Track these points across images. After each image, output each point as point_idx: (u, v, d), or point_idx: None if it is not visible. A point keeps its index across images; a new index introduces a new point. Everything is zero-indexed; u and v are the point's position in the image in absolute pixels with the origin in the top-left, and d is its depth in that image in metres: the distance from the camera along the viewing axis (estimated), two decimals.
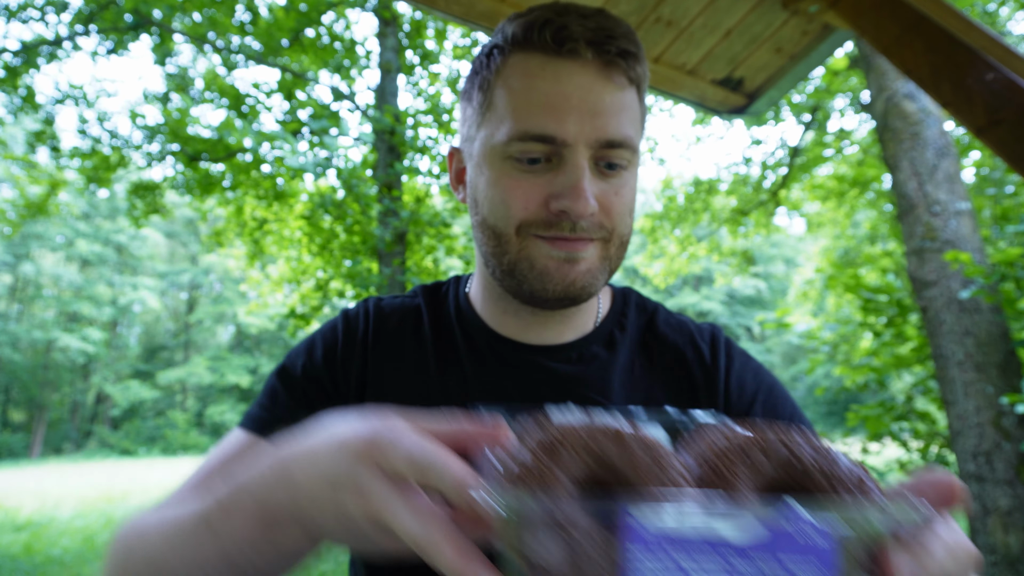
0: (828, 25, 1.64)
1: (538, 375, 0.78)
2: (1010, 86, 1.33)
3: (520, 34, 0.68)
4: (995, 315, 3.61)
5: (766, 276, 36.66)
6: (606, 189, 0.69)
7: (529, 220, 0.68)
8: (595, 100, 0.66)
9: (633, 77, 0.69)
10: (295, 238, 8.90)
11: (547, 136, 0.65)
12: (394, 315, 0.84)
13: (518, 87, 0.67)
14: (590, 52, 0.66)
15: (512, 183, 0.68)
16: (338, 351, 0.80)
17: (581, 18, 0.67)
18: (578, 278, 0.70)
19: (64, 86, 7.57)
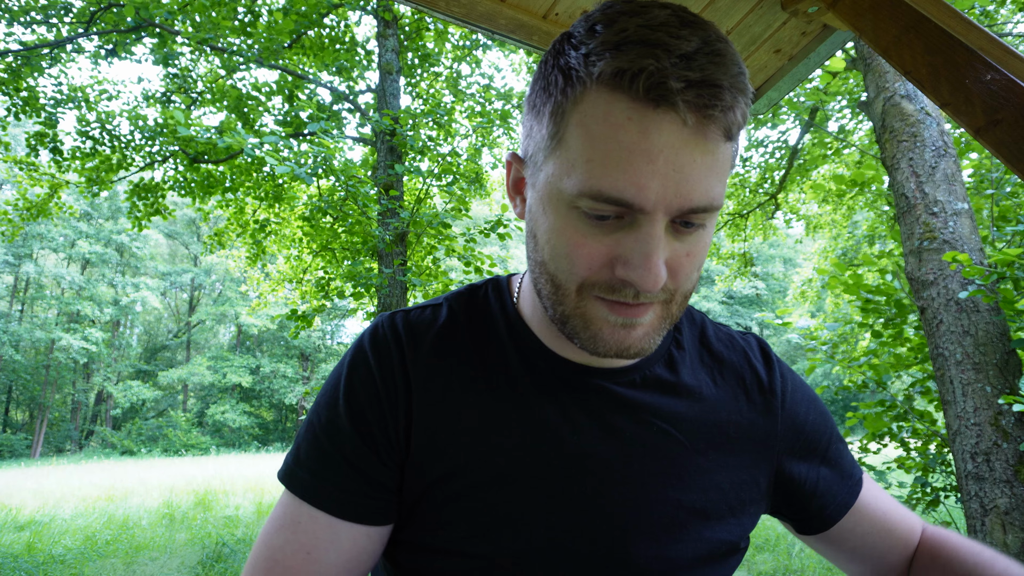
0: (827, 26, 1.65)
1: (604, 400, 0.73)
2: (1009, 86, 1.34)
3: (608, 75, 0.55)
4: (994, 315, 3.62)
5: (765, 276, 36.67)
6: (678, 250, 0.61)
7: (592, 280, 0.62)
8: (684, 163, 0.56)
9: (734, 131, 0.58)
10: (296, 237, 8.92)
11: (622, 202, 0.57)
12: (430, 336, 0.75)
13: (597, 134, 0.56)
14: (688, 111, 0.54)
15: (579, 239, 0.60)
16: (379, 390, 0.71)
17: (684, 63, 0.54)
18: (633, 344, 0.64)
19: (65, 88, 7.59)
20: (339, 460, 0.70)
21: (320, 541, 0.68)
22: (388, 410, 0.71)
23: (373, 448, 0.70)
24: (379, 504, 0.70)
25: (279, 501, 0.72)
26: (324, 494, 0.69)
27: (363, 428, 0.70)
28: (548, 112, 0.61)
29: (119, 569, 6.31)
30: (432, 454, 0.69)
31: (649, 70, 0.53)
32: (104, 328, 33.85)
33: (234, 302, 35.46)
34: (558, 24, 1.59)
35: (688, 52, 0.54)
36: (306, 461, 0.71)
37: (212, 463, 21.47)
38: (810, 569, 5.60)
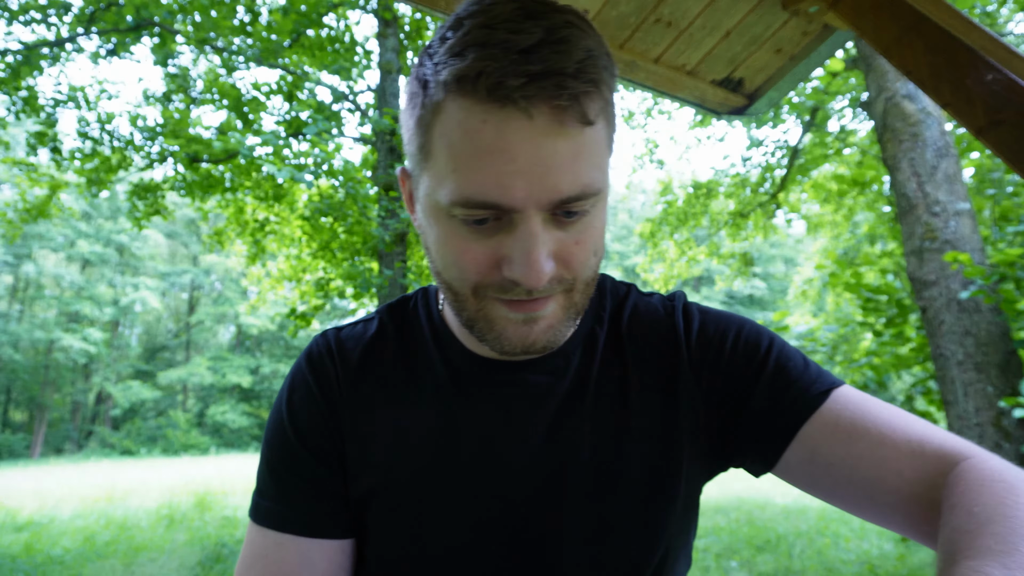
0: (828, 26, 1.65)
1: (518, 391, 0.74)
2: (1010, 87, 1.34)
3: (451, 80, 0.55)
4: (995, 315, 3.61)
5: (766, 276, 36.68)
6: (565, 239, 0.61)
7: (484, 283, 0.62)
8: (546, 156, 0.55)
9: (593, 115, 0.57)
10: (296, 236, 8.92)
11: (491, 204, 0.57)
12: (358, 349, 0.77)
13: (457, 142, 0.57)
14: (535, 105, 0.54)
15: (463, 245, 0.61)
16: (320, 404, 0.74)
17: (521, 57, 0.53)
18: (538, 338, 0.65)
19: (65, 88, 7.58)
20: (296, 482, 0.72)
21: (293, 566, 0.70)
22: (330, 419, 0.73)
23: (326, 463, 0.72)
24: (340, 516, 0.72)
25: (246, 537, 0.73)
26: (289, 518, 0.71)
27: (313, 445, 0.73)
28: (414, 125, 0.62)
29: (118, 570, 6.31)
30: (363, 465, 0.72)
31: (487, 71, 0.53)
32: (104, 328, 33.85)
33: (233, 302, 35.46)
34: None
35: (528, 46, 0.54)
36: (266, 491, 0.73)
37: (212, 463, 21.47)
38: (811, 570, 5.59)
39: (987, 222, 4.65)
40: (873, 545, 6.27)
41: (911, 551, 5.87)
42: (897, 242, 7.49)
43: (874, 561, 5.67)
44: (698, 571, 5.75)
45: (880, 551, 6.03)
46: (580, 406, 0.73)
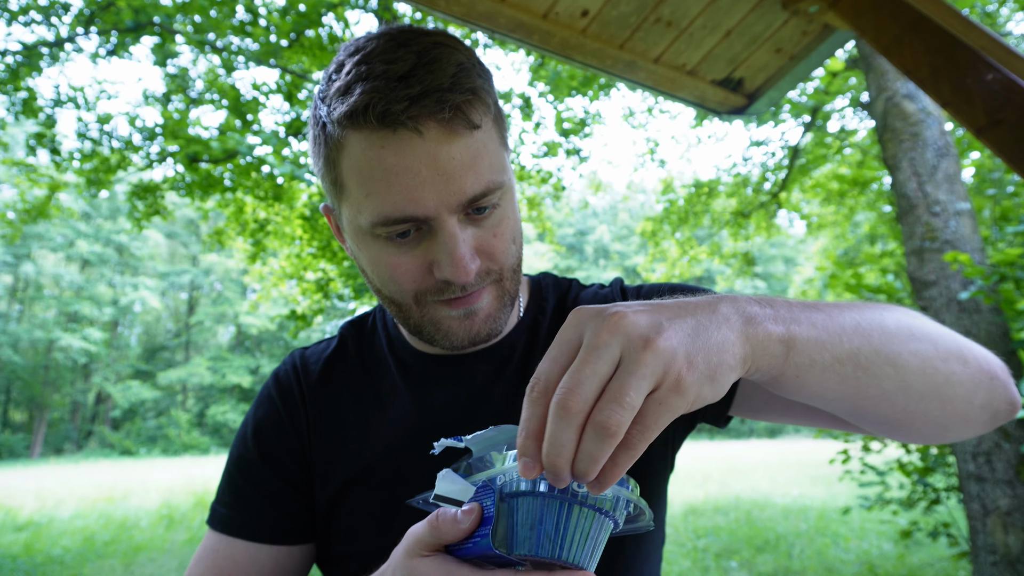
0: (828, 25, 1.65)
1: (468, 382, 0.80)
2: (1010, 86, 1.34)
3: (345, 120, 0.62)
4: (995, 315, 3.61)
5: (766, 276, 36.68)
6: (482, 234, 0.68)
7: (422, 290, 0.69)
8: (444, 164, 0.62)
9: (478, 119, 0.63)
10: (296, 235, 8.92)
11: (407, 218, 0.63)
12: (319, 364, 0.85)
13: (364, 170, 0.63)
14: (422, 123, 0.60)
15: (393, 260, 0.67)
16: (284, 421, 0.81)
17: (399, 83, 0.60)
18: (481, 328, 0.72)
19: (64, 88, 7.58)
20: (250, 489, 0.79)
21: (239, 563, 0.75)
22: (293, 434, 0.80)
23: (281, 473, 0.79)
24: (292, 525, 0.78)
25: (202, 541, 0.79)
26: (239, 522, 0.77)
27: (270, 455, 0.79)
28: (323, 165, 0.68)
29: (118, 569, 6.31)
30: (334, 464, 0.78)
31: (373, 103, 0.60)
32: (103, 328, 33.85)
33: (233, 302, 35.46)
34: (558, 23, 1.58)
35: (404, 72, 0.61)
36: (223, 497, 0.80)
37: (212, 463, 21.46)
38: (811, 570, 5.59)
39: (987, 222, 4.66)
40: (873, 545, 6.27)
41: (911, 551, 5.87)
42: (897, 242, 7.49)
43: (874, 561, 5.67)
44: (698, 571, 5.75)
45: (880, 551, 6.03)
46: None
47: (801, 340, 0.51)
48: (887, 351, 0.56)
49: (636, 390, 0.41)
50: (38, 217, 8.62)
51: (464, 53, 0.65)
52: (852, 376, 0.54)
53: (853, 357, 0.54)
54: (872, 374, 0.55)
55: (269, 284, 10.29)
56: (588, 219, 43.39)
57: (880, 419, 0.61)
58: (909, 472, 4.59)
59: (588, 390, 0.41)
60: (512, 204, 0.71)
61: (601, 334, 0.43)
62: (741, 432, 33.37)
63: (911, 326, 0.59)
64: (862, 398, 0.57)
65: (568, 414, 0.41)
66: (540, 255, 35.53)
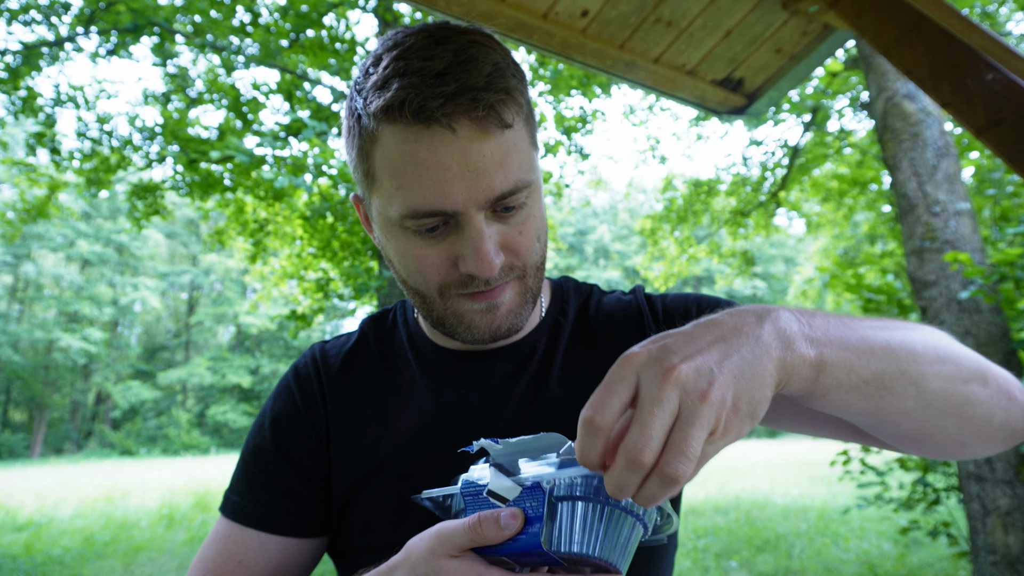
0: (828, 25, 1.65)
1: (488, 378, 0.81)
2: (1010, 86, 1.34)
3: (379, 110, 0.63)
4: (995, 315, 3.61)
5: (766, 276, 36.69)
6: (508, 232, 0.69)
7: (446, 283, 0.70)
8: (475, 161, 0.63)
9: (510, 119, 0.65)
10: (297, 235, 8.92)
11: (436, 212, 0.65)
12: (340, 357, 0.86)
13: (396, 163, 0.65)
14: (456, 120, 0.62)
15: (420, 252, 0.69)
16: (302, 413, 0.82)
17: (436, 80, 0.61)
18: (502, 323, 0.73)
19: (64, 88, 7.57)
20: (265, 480, 0.80)
21: (250, 551, 0.76)
22: (311, 427, 0.81)
23: (297, 465, 0.80)
24: (305, 518, 0.79)
25: (213, 527, 0.80)
26: (253, 512, 0.78)
27: (286, 447, 0.80)
28: (356, 156, 0.70)
29: (118, 569, 6.31)
30: (352, 455, 0.79)
31: (409, 98, 0.61)
32: (103, 328, 33.84)
33: (233, 302, 35.46)
34: (558, 23, 1.58)
35: (440, 70, 0.62)
36: (237, 486, 0.81)
37: (212, 463, 21.46)
38: (811, 570, 5.59)
39: (987, 222, 4.66)
40: (872, 545, 6.27)
41: (911, 551, 5.87)
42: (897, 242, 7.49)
43: (874, 561, 5.67)
44: (698, 571, 5.76)
45: (880, 551, 6.03)
46: (547, 388, 0.80)
47: (831, 364, 0.53)
48: (912, 372, 0.58)
49: (697, 441, 0.45)
50: (38, 217, 8.62)
51: (500, 53, 0.67)
52: (876, 395, 0.57)
53: (878, 378, 0.56)
54: (895, 393, 0.58)
55: (270, 284, 10.31)
56: (588, 219, 43.39)
57: (900, 434, 0.64)
58: (910, 468, 4.59)
59: (656, 444, 0.45)
60: (539, 203, 0.73)
61: (664, 388, 0.45)
62: None
63: (936, 347, 0.62)
64: (884, 414, 0.60)
65: (640, 467, 0.44)
66: None
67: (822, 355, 0.53)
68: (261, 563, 0.77)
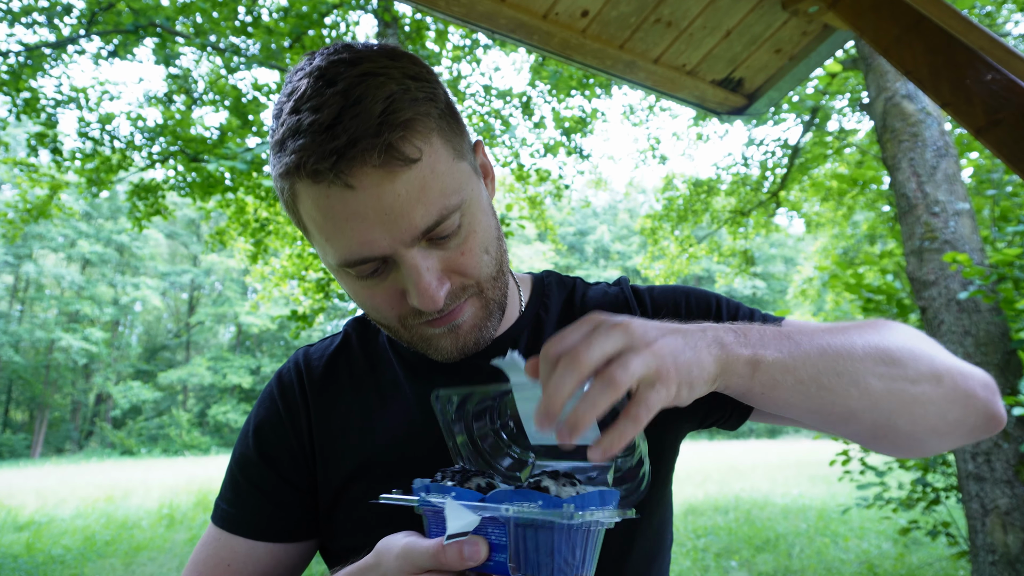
0: (828, 26, 1.65)
1: (474, 379, 0.80)
2: (1009, 87, 1.34)
3: (287, 174, 0.63)
4: (994, 315, 3.61)
5: (766, 276, 36.67)
6: (449, 255, 0.67)
7: (403, 314, 0.70)
8: (389, 203, 0.61)
9: (416, 150, 0.61)
10: (297, 235, 8.92)
11: (366, 259, 0.64)
12: (324, 360, 0.86)
13: (317, 219, 0.64)
14: (354, 175, 0.59)
15: (368, 293, 0.69)
16: (284, 421, 0.82)
17: (327, 137, 0.58)
18: (467, 340, 0.73)
19: (66, 88, 7.58)
20: (251, 488, 0.81)
21: (239, 556, 0.78)
22: (293, 434, 0.81)
23: (280, 473, 0.80)
24: (291, 524, 0.80)
25: (205, 532, 0.82)
26: (240, 519, 0.79)
27: (269, 455, 0.81)
28: (286, 211, 0.71)
29: (118, 569, 6.31)
30: (338, 456, 0.79)
31: (302, 162, 0.60)
32: (104, 328, 33.84)
33: (233, 302, 35.45)
34: (558, 23, 1.58)
35: (329, 121, 0.59)
36: (225, 494, 0.82)
37: (212, 463, 21.47)
38: (811, 569, 5.59)
39: (987, 222, 4.66)
40: (872, 545, 6.28)
41: (910, 550, 5.87)
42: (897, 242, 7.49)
43: (873, 560, 5.68)
44: (698, 571, 5.76)
45: (879, 551, 6.03)
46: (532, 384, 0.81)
47: (766, 363, 0.59)
48: (851, 373, 0.62)
49: (636, 365, 0.50)
50: (39, 217, 8.62)
51: (395, 77, 0.62)
52: (816, 395, 0.62)
53: (815, 378, 0.61)
54: (835, 393, 0.62)
55: (271, 284, 10.31)
56: (588, 219, 43.38)
57: (852, 433, 0.69)
58: (909, 468, 4.59)
59: (596, 353, 0.50)
60: (478, 216, 0.69)
61: (613, 329, 0.52)
62: (741, 432, 33.37)
63: (887, 349, 0.65)
64: (828, 414, 0.65)
65: (575, 364, 0.49)
66: (541, 254, 35.53)
67: (756, 355, 0.58)
68: (250, 567, 0.78)
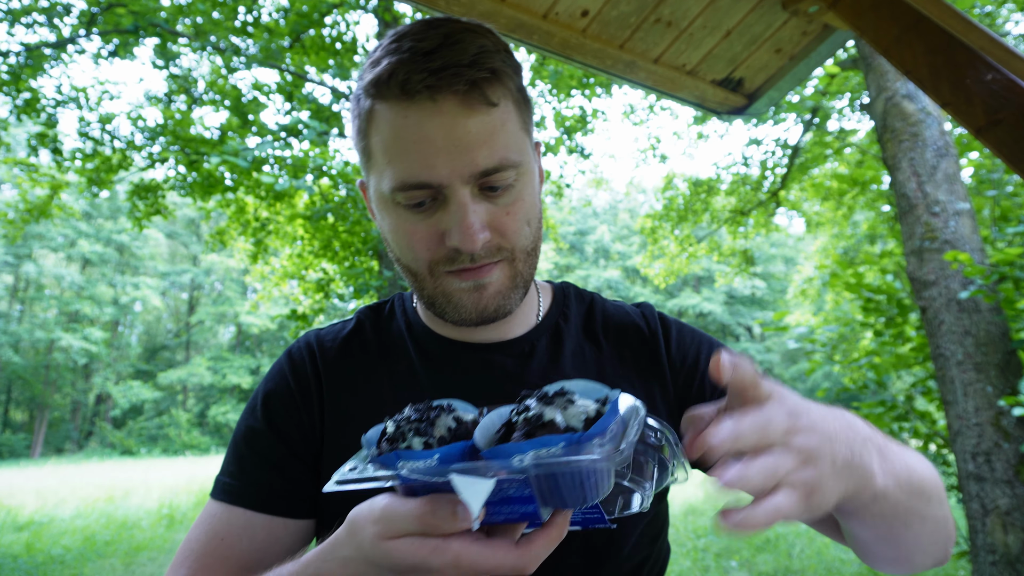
0: (828, 25, 1.65)
1: (490, 372, 0.81)
2: (1009, 86, 1.34)
3: (372, 88, 0.68)
4: (995, 315, 3.61)
5: (766, 276, 36.67)
6: (496, 212, 0.70)
7: (435, 259, 0.72)
8: (460, 135, 0.66)
9: (496, 98, 0.68)
10: (298, 234, 8.92)
11: (422, 184, 0.67)
12: (336, 342, 0.87)
13: (387, 138, 0.68)
14: (437, 95, 0.65)
15: (410, 228, 0.71)
16: (294, 394, 0.82)
17: (423, 59, 0.65)
18: (489, 303, 0.74)
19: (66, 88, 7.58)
20: (255, 459, 0.80)
21: (234, 528, 0.76)
22: (303, 408, 0.81)
23: (287, 444, 0.80)
24: (293, 498, 0.78)
25: (202, 511, 0.80)
26: (240, 491, 0.77)
27: (277, 426, 0.80)
28: (356, 136, 0.74)
29: (118, 569, 6.31)
30: (340, 441, 0.78)
31: (396, 72, 0.65)
32: (104, 328, 33.84)
33: (233, 302, 35.45)
34: (558, 23, 1.58)
35: (429, 49, 0.65)
36: (226, 469, 0.81)
37: (212, 463, 21.46)
38: (811, 569, 5.59)
39: (987, 222, 4.66)
40: None
41: None
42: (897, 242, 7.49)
43: None
44: (698, 571, 5.76)
45: None
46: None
47: (884, 495, 0.56)
48: (922, 514, 0.63)
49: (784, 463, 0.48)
50: (40, 217, 8.62)
51: (490, 40, 0.69)
52: (889, 527, 0.62)
53: (902, 516, 0.61)
54: (911, 530, 0.63)
55: (271, 283, 10.31)
56: (588, 219, 43.39)
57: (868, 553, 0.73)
58: None
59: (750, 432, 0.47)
60: (530, 188, 0.74)
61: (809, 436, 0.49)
62: None
63: (934, 486, 0.65)
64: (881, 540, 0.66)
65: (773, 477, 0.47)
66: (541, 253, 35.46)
67: (885, 486, 0.55)
68: (244, 541, 0.76)
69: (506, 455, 0.46)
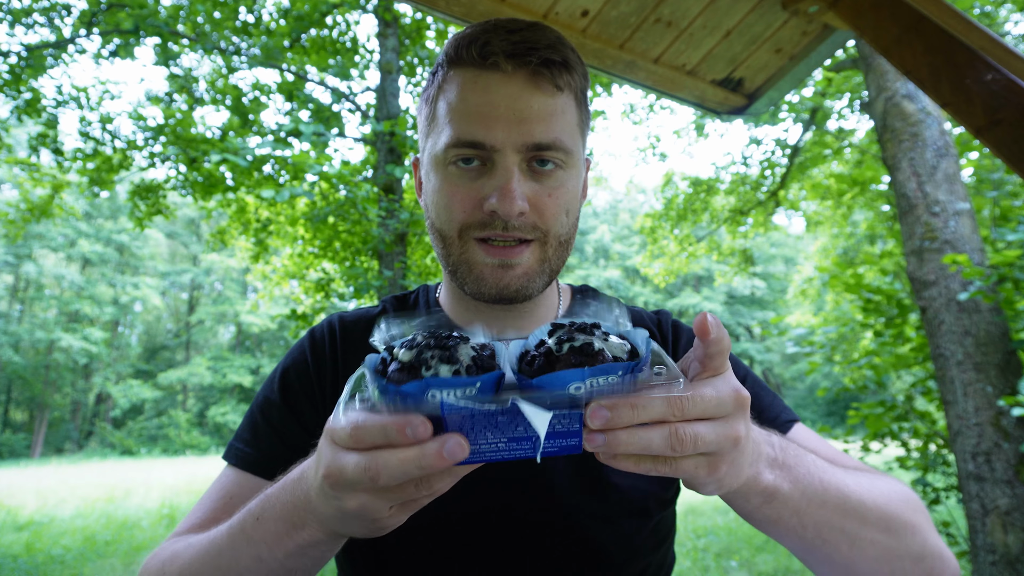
0: (828, 25, 1.65)
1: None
2: (1009, 86, 1.34)
3: (452, 52, 0.74)
4: (994, 315, 3.61)
5: (766, 276, 36.67)
6: (538, 190, 0.73)
7: (468, 222, 0.74)
8: (522, 107, 0.71)
9: (562, 84, 0.73)
10: (298, 234, 8.92)
11: (477, 142, 0.71)
12: (359, 325, 0.89)
13: (453, 100, 0.73)
14: (511, 64, 0.70)
15: (452, 187, 0.74)
16: (311, 372, 0.85)
17: (507, 33, 0.71)
18: (512, 282, 0.75)
19: (67, 88, 7.58)
20: (268, 429, 0.83)
21: (244, 492, 0.78)
22: (317, 385, 0.84)
23: (299, 419, 0.82)
24: None
25: (217, 476, 0.83)
26: (251, 458, 0.80)
27: (291, 400, 0.83)
28: (425, 104, 0.79)
29: (118, 569, 6.31)
30: None
31: (478, 38, 0.71)
32: (104, 328, 33.83)
33: (234, 302, 35.44)
34: (558, 23, 1.58)
35: (513, 27, 0.72)
36: (241, 435, 0.85)
37: (212, 463, 21.46)
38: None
39: (987, 222, 4.66)
40: None
41: None
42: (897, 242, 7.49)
43: None
44: (698, 571, 5.76)
45: None
46: None
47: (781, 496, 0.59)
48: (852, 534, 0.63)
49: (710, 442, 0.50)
50: (41, 217, 8.62)
51: (567, 43, 0.75)
52: (810, 541, 0.63)
53: (818, 528, 0.62)
54: (830, 546, 0.63)
55: (271, 283, 10.31)
56: (588, 219, 43.38)
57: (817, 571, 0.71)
58: (909, 467, 4.59)
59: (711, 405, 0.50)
60: (573, 180, 0.77)
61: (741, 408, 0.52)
62: None
63: (893, 516, 0.65)
64: (809, 555, 0.66)
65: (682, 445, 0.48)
66: None
67: (776, 485, 0.58)
68: None
69: (562, 383, 0.45)
